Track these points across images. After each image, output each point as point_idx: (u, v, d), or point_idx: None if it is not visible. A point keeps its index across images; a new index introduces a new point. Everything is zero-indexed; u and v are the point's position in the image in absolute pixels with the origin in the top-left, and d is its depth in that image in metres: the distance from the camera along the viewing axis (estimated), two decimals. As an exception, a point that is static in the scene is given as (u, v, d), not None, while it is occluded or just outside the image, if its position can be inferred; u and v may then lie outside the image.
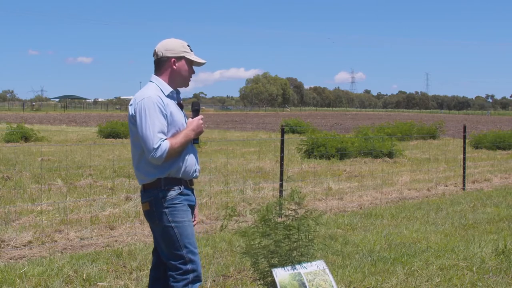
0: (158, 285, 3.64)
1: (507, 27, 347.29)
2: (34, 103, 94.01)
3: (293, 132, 29.19)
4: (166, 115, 3.37)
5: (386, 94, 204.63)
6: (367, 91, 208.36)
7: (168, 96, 3.45)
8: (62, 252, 6.13)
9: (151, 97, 3.36)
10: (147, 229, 7.20)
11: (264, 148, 19.61)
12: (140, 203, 3.63)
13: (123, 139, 23.61)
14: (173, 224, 3.39)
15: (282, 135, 8.75)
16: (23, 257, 5.90)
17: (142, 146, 3.35)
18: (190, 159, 3.49)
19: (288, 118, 37.92)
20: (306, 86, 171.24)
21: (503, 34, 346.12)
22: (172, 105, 3.44)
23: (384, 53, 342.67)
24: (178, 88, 3.59)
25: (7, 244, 6.26)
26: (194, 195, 3.61)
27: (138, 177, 3.49)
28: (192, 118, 3.53)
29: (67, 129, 32.65)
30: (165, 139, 3.32)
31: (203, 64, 3.61)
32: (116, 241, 6.67)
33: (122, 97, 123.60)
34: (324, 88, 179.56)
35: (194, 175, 3.55)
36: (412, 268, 5.61)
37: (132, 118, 3.41)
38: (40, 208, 8.00)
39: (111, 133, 24.48)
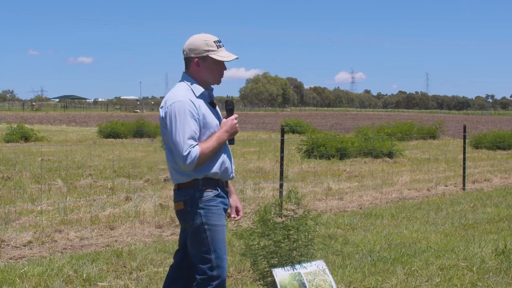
0: (177, 285, 3.58)
1: (507, 27, 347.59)
2: (34, 103, 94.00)
3: (293, 132, 29.18)
4: (198, 118, 3.27)
5: (386, 94, 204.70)
6: (367, 91, 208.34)
7: (199, 96, 3.34)
8: (62, 252, 6.13)
9: (182, 101, 3.26)
10: (147, 229, 7.20)
11: (264, 148, 19.61)
12: (173, 202, 3.48)
13: (123, 139, 23.64)
14: (206, 226, 3.30)
15: (282, 135, 8.75)
16: (23, 257, 5.90)
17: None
18: (227, 160, 3.41)
19: (288, 118, 37.90)
20: (306, 86, 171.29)
21: (503, 34, 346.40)
22: (204, 107, 3.33)
23: (384, 53, 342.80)
24: (210, 86, 3.45)
25: (7, 244, 6.26)
26: (228, 197, 3.52)
27: (173, 176, 3.39)
28: (226, 118, 3.41)
29: (67, 129, 32.65)
30: (196, 145, 3.23)
31: (233, 59, 3.39)
32: (116, 241, 6.67)
33: (122, 97, 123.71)
34: (324, 88, 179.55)
35: (231, 176, 3.48)
36: (412, 268, 5.61)
37: (163, 121, 3.33)
38: (40, 208, 8.00)
39: (111, 133, 24.49)
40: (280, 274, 4.42)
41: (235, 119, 3.39)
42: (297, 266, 4.51)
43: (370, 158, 16.52)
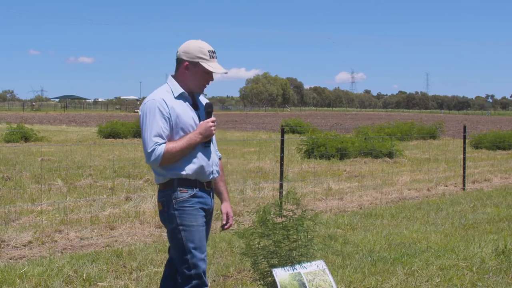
0: (170, 283, 3.60)
1: (507, 27, 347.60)
2: (34, 103, 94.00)
3: (293, 132, 29.19)
4: (169, 118, 3.31)
5: (386, 94, 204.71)
6: (367, 91, 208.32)
7: (178, 97, 3.39)
8: (62, 252, 6.13)
9: (154, 100, 3.33)
10: (147, 229, 7.20)
11: (264, 148, 19.61)
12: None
13: (123, 139, 23.63)
14: (180, 227, 3.35)
15: (282, 135, 8.75)
16: (23, 257, 5.90)
17: None
18: (204, 161, 3.41)
19: (288, 118, 37.91)
20: (306, 86, 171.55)
21: (503, 34, 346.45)
22: (180, 107, 3.37)
23: (384, 53, 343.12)
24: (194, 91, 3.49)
25: (7, 244, 6.26)
26: (211, 197, 3.52)
27: (154, 176, 3.46)
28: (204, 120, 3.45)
29: (67, 129, 32.65)
30: (162, 143, 3.27)
31: (222, 73, 3.45)
32: (116, 241, 6.66)
33: (122, 97, 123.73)
34: (324, 88, 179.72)
35: (211, 177, 3.47)
36: (412, 268, 5.61)
37: (139, 120, 3.41)
38: (40, 208, 8.00)
39: (111, 133, 24.50)
40: (280, 274, 4.42)
41: (212, 122, 3.41)
42: (297, 266, 4.51)
43: (370, 158, 16.52)
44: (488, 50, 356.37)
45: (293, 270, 4.47)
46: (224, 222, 3.67)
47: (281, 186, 8.72)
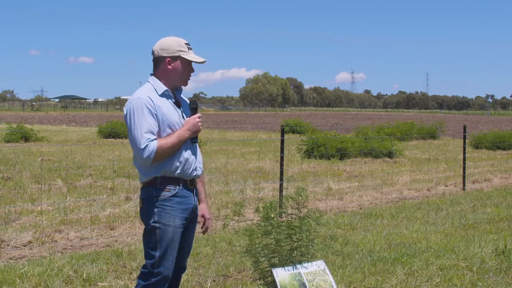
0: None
1: (507, 27, 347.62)
2: (34, 103, 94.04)
3: (293, 132, 29.19)
4: (156, 115, 3.34)
5: (386, 94, 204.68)
6: (367, 91, 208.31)
7: (162, 95, 3.42)
8: (62, 252, 6.13)
9: (140, 98, 3.35)
10: (147, 229, 7.20)
11: (264, 148, 19.61)
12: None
13: (123, 139, 23.61)
14: (157, 225, 3.37)
15: (282, 135, 8.75)
16: (23, 257, 5.90)
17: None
18: (188, 158, 3.44)
19: (288, 118, 37.92)
20: (306, 86, 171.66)
21: (503, 34, 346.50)
22: (165, 105, 3.40)
23: (384, 53, 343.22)
24: (178, 86, 3.55)
25: (7, 244, 6.26)
26: (194, 195, 3.55)
27: (139, 175, 3.49)
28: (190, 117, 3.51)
29: (67, 129, 32.65)
30: (154, 140, 3.30)
31: (202, 62, 3.52)
32: (116, 241, 6.67)
33: (122, 97, 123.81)
34: (324, 88, 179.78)
35: (194, 174, 3.49)
36: (412, 268, 5.61)
37: (125, 120, 3.42)
38: (40, 208, 8.00)
39: (111, 133, 24.49)
40: (280, 274, 4.41)
41: (198, 118, 3.46)
42: (298, 266, 4.50)
43: (370, 158, 16.52)
44: (488, 50, 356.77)
45: (293, 270, 4.47)
46: (201, 225, 3.70)
47: (281, 186, 8.72)
